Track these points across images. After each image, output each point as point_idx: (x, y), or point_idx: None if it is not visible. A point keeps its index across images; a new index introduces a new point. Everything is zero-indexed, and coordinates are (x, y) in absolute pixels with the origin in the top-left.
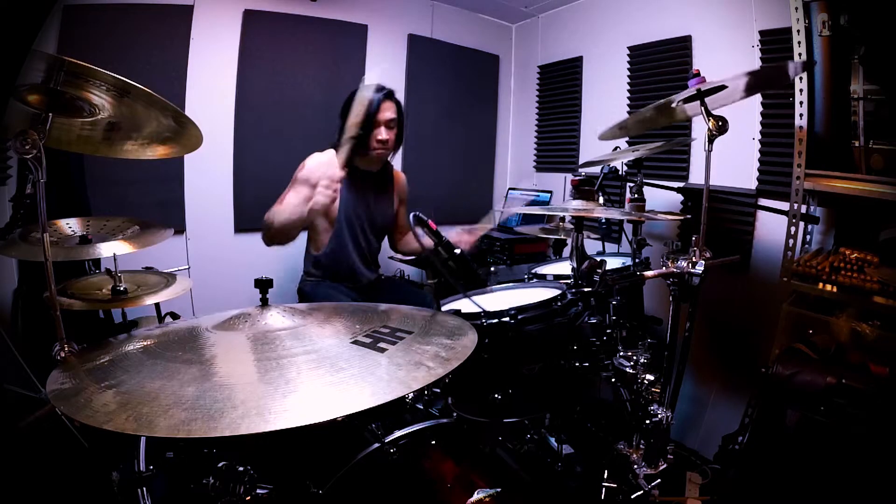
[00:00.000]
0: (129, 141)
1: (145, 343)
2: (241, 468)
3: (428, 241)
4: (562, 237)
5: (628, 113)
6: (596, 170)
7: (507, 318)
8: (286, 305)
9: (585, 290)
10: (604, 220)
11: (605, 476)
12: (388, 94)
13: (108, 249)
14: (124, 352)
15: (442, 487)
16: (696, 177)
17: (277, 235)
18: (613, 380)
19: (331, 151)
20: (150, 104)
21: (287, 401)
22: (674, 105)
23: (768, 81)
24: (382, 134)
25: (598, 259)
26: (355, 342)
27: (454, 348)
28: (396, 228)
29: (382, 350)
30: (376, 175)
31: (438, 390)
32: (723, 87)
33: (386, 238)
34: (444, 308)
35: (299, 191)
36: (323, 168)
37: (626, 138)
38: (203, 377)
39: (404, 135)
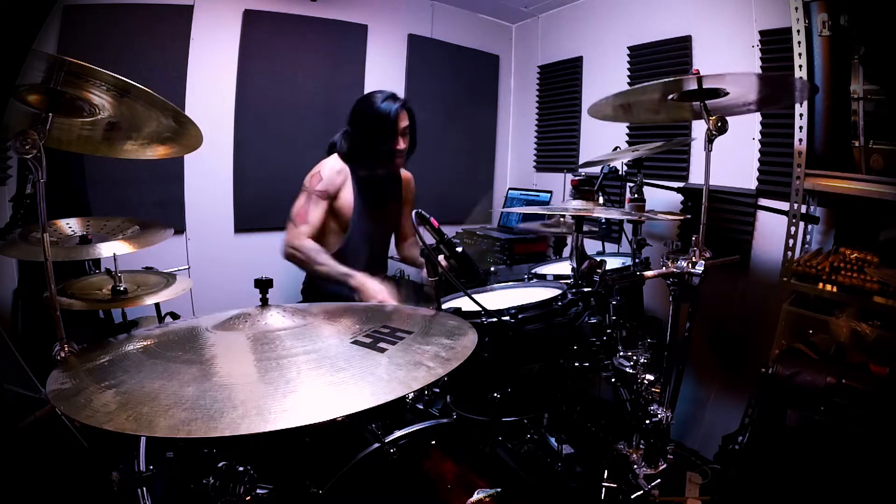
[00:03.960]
0: (129, 141)
1: (145, 343)
2: (241, 468)
3: (429, 239)
4: (563, 231)
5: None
6: (596, 170)
7: (506, 318)
8: (286, 305)
9: (585, 290)
10: (604, 220)
11: (605, 476)
12: (405, 104)
13: (108, 249)
14: (124, 352)
15: (442, 487)
16: (695, 177)
17: (311, 274)
18: (613, 380)
19: (338, 158)
20: (150, 104)
21: (287, 401)
22: (674, 97)
23: (771, 99)
24: (400, 144)
25: (598, 259)
26: (355, 342)
27: (454, 348)
28: (399, 231)
29: (382, 350)
30: (385, 177)
31: (438, 390)
32: (724, 93)
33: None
34: (444, 306)
35: (321, 206)
36: (339, 178)
37: (626, 137)
38: (203, 377)
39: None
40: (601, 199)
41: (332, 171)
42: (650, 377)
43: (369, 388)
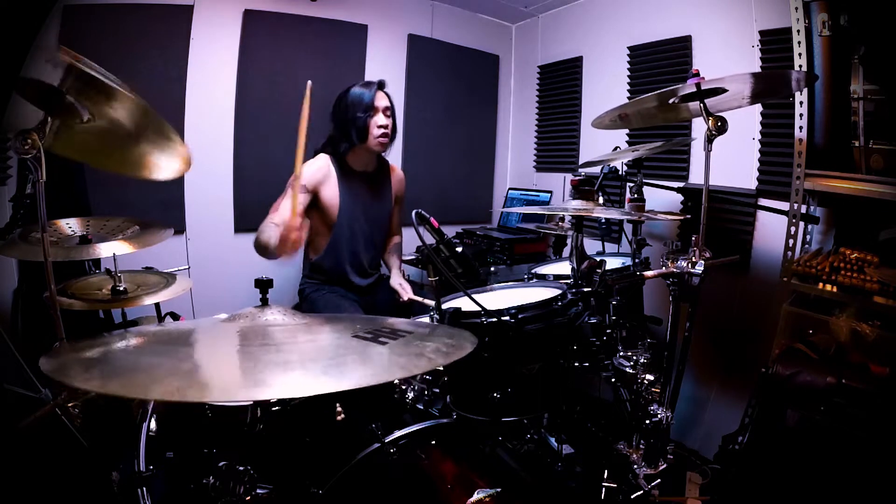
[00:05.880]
0: (125, 151)
1: (141, 339)
2: (241, 468)
3: (429, 239)
4: (560, 234)
5: None
6: (596, 170)
7: (506, 318)
8: (286, 307)
9: (585, 290)
10: (604, 220)
11: (605, 476)
12: (381, 85)
13: (108, 249)
14: (117, 347)
15: (442, 487)
16: (695, 177)
17: (259, 250)
18: (613, 380)
19: (323, 156)
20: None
21: (287, 376)
22: (674, 101)
23: (769, 91)
24: (382, 119)
25: (598, 259)
26: (356, 336)
27: (454, 346)
28: (388, 230)
29: (384, 343)
30: (373, 175)
31: (438, 390)
32: (723, 91)
33: None
34: (444, 306)
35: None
36: (319, 174)
37: (626, 137)
38: (201, 357)
39: (398, 130)
40: (601, 199)
41: (312, 166)
42: (650, 377)
43: (371, 369)
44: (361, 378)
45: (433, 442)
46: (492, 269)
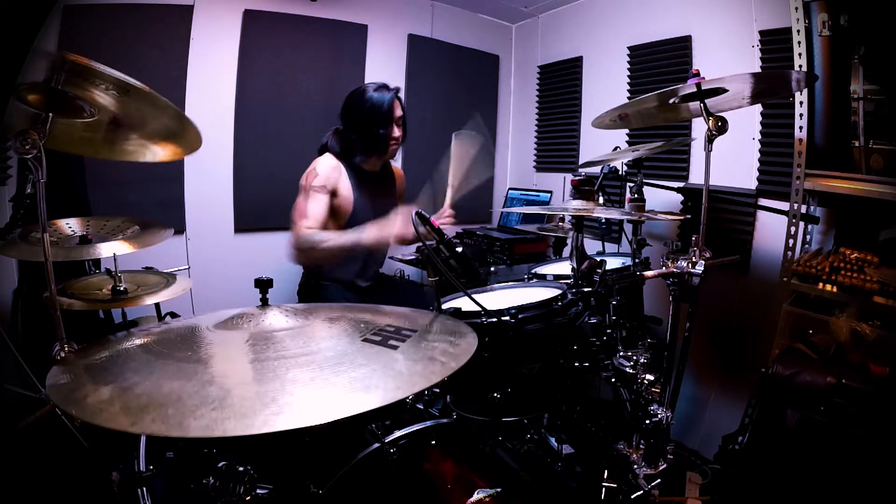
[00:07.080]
0: (130, 141)
1: (146, 340)
2: (241, 468)
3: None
4: (561, 235)
5: None
6: (596, 170)
7: (507, 318)
8: (287, 306)
9: (585, 290)
10: (604, 220)
11: (605, 476)
12: (396, 92)
13: (108, 249)
14: (130, 350)
15: (442, 487)
16: (696, 177)
17: (323, 258)
18: (613, 380)
19: (331, 155)
20: (151, 105)
21: (320, 397)
22: (674, 101)
23: (769, 91)
24: (396, 132)
25: (598, 259)
26: (366, 340)
27: (459, 345)
28: None
29: (395, 347)
30: (379, 175)
31: (438, 390)
32: (723, 91)
33: None
34: (444, 306)
35: (321, 200)
36: (335, 174)
37: (626, 137)
38: (224, 376)
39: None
40: (601, 199)
41: (328, 166)
42: (650, 377)
43: (393, 382)
44: (387, 394)
45: (433, 442)
46: (492, 269)
